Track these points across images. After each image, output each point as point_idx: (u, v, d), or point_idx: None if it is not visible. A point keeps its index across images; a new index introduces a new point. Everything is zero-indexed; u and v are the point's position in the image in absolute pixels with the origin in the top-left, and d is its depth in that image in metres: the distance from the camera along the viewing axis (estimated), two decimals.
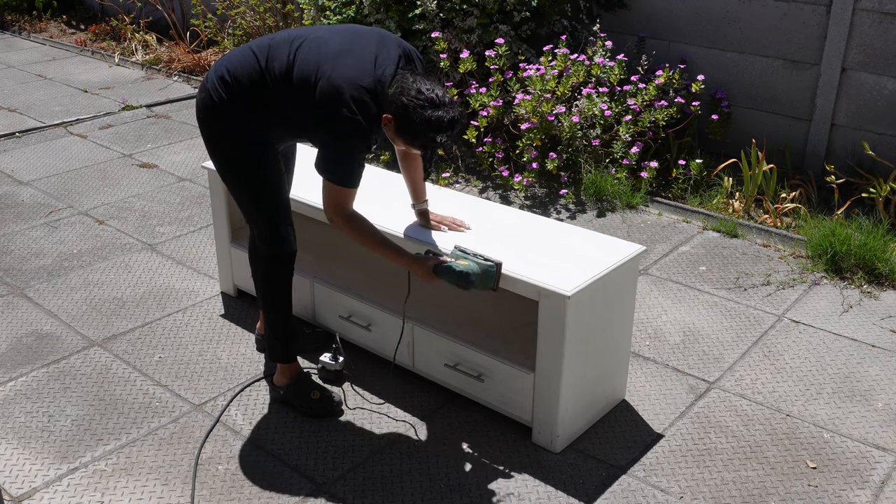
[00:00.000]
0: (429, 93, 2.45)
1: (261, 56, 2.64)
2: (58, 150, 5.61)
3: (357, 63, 2.53)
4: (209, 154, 2.81)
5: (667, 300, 3.76)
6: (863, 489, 2.66)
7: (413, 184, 2.98)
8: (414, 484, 2.68)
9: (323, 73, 2.52)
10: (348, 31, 2.67)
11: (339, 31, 2.69)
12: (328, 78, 2.50)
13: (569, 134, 4.76)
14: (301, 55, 2.58)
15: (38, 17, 9.54)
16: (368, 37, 2.64)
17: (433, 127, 2.44)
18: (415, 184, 2.97)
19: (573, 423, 2.84)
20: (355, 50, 2.57)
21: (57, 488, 2.66)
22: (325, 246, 3.62)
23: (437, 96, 2.45)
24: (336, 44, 2.60)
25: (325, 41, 2.61)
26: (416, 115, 2.44)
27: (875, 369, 3.26)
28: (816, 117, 4.83)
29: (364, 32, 2.67)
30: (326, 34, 2.66)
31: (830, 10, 4.63)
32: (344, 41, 2.61)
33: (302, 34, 2.67)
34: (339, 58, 2.54)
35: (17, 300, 3.75)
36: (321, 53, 2.57)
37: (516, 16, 5.09)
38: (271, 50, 2.63)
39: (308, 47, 2.60)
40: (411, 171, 2.95)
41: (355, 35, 2.64)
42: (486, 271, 2.64)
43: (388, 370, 3.19)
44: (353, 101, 2.47)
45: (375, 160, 5.24)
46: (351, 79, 2.49)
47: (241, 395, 3.10)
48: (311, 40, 2.62)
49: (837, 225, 4.11)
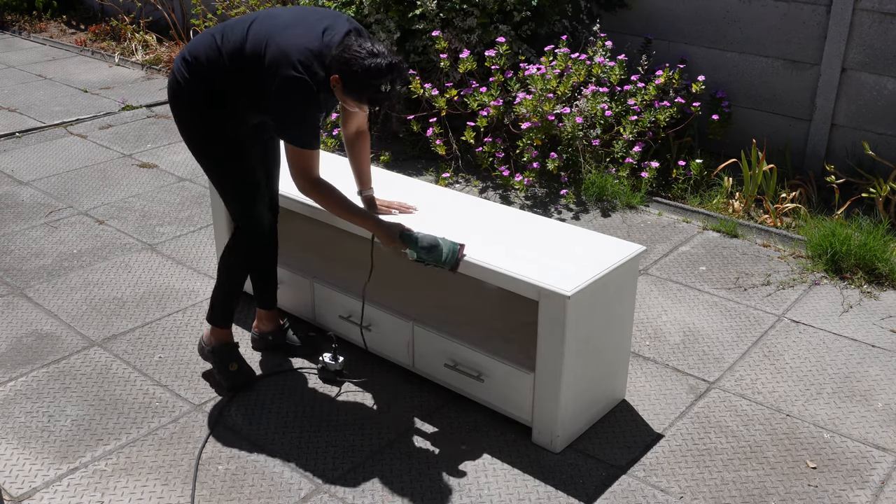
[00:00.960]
0: (368, 47, 2.56)
1: (218, 36, 2.76)
2: (58, 150, 5.61)
3: (305, 31, 2.65)
4: (182, 136, 2.89)
5: (667, 300, 3.76)
6: (863, 489, 2.66)
7: (359, 170, 3.05)
8: (414, 484, 2.68)
9: (272, 41, 2.64)
10: (301, 10, 2.81)
11: (293, 10, 2.82)
12: (277, 44, 2.62)
13: (570, 134, 4.76)
14: (253, 30, 2.70)
15: (38, 17, 9.54)
16: (321, 13, 2.76)
17: (372, 73, 2.53)
18: (361, 170, 3.05)
19: (573, 423, 2.84)
20: (305, 22, 2.70)
21: (57, 488, 2.66)
22: (326, 246, 3.62)
23: (377, 49, 2.56)
24: (287, 17, 2.73)
25: (276, 16, 2.75)
26: (356, 65, 2.53)
27: (875, 369, 3.26)
28: (816, 117, 4.83)
29: (317, 10, 2.79)
30: (279, 12, 2.79)
31: (830, 10, 4.63)
32: (295, 15, 2.75)
33: (257, 14, 2.80)
34: (288, 28, 2.67)
35: (17, 300, 3.76)
36: (272, 26, 2.69)
37: (516, 16, 5.09)
38: (227, 29, 2.76)
39: (260, 23, 2.73)
40: (358, 157, 3.03)
41: (307, 12, 2.78)
42: (451, 248, 2.72)
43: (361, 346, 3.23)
44: (299, 63, 2.57)
45: (375, 160, 5.24)
46: (298, 44, 2.61)
47: (241, 395, 3.10)
48: (264, 17, 2.76)
49: (837, 225, 4.11)
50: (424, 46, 5.24)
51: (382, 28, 5.19)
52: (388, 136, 5.70)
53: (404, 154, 5.43)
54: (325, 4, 5.45)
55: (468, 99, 4.88)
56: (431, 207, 3.15)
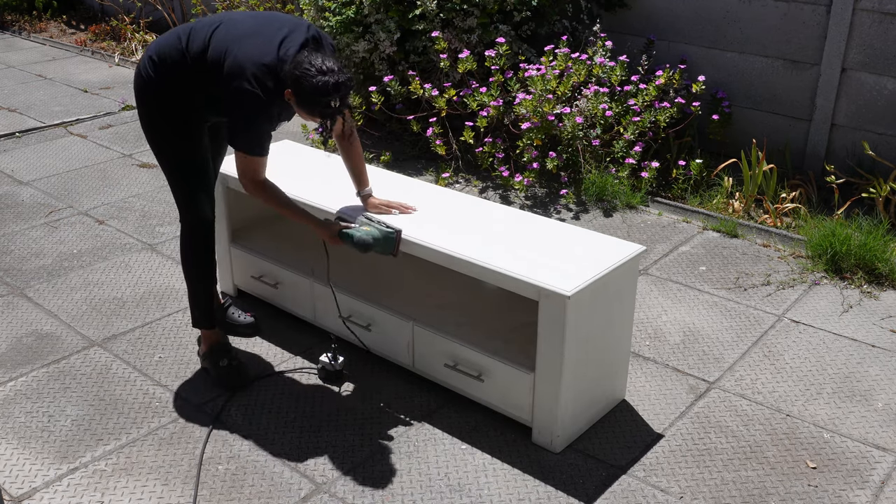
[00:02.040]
0: (319, 64, 2.63)
1: (183, 38, 2.85)
2: (58, 150, 5.61)
3: (262, 43, 2.74)
4: (142, 125, 3.00)
5: (667, 300, 3.76)
6: (863, 489, 2.66)
7: (354, 171, 3.12)
8: (414, 484, 2.68)
9: (230, 53, 2.73)
10: (263, 17, 2.88)
11: (255, 16, 2.90)
12: (234, 56, 2.72)
13: (570, 134, 4.76)
14: (215, 37, 2.80)
15: (38, 17, 9.54)
16: (281, 22, 2.83)
17: (320, 91, 2.61)
18: (356, 171, 3.12)
19: (573, 423, 2.84)
20: (264, 33, 2.77)
21: (57, 488, 2.66)
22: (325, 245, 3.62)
23: (326, 66, 2.63)
24: (248, 27, 2.81)
25: (238, 24, 2.83)
26: (306, 82, 2.62)
27: (875, 369, 3.26)
28: (816, 117, 4.83)
29: (278, 18, 2.87)
30: (242, 18, 2.87)
31: (830, 10, 4.63)
32: (256, 25, 2.82)
33: (221, 18, 2.89)
34: (246, 39, 2.76)
35: (17, 300, 3.76)
36: (232, 36, 2.78)
37: (517, 16, 5.09)
38: (192, 32, 2.85)
39: (222, 30, 2.81)
40: (351, 158, 3.11)
41: (269, 20, 2.85)
42: (385, 237, 2.87)
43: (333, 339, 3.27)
44: (253, 77, 2.67)
45: (375, 160, 5.24)
46: (253, 57, 2.70)
47: (241, 395, 3.10)
48: (227, 23, 2.84)
49: (837, 225, 4.11)
50: (424, 46, 5.24)
51: (382, 28, 5.19)
52: (389, 136, 5.70)
53: (404, 154, 5.43)
54: (325, 4, 5.45)
55: (468, 99, 4.88)
56: (431, 207, 3.15)
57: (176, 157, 3.00)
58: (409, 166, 5.23)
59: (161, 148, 3.01)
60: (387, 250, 2.89)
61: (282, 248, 3.60)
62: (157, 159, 3.07)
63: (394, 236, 2.87)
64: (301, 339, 3.44)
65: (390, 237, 2.87)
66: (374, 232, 2.87)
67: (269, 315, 3.60)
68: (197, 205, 3.04)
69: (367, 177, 3.13)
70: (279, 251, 3.58)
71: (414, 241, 2.91)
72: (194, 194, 3.03)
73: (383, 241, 2.87)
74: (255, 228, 3.76)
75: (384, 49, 5.24)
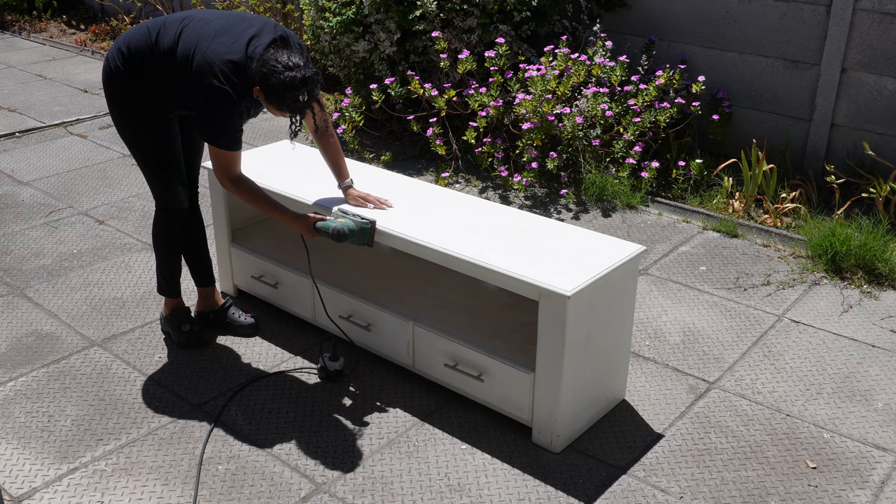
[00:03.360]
0: (285, 60, 2.70)
1: (153, 33, 2.92)
2: (58, 150, 5.61)
3: (230, 41, 2.80)
4: (111, 114, 3.08)
5: (667, 300, 3.76)
6: (863, 489, 2.66)
7: (333, 164, 3.19)
8: (414, 484, 2.68)
9: (199, 50, 2.80)
10: (232, 16, 2.94)
11: (225, 15, 2.95)
12: (203, 53, 2.79)
13: (570, 134, 4.76)
14: (185, 34, 2.87)
15: (38, 17, 9.54)
16: (249, 21, 2.90)
17: (288, 86, 2.68)
18: (335, 164, 3.19)
19: (573, 423, 2.84)
20: (233, 32, 2.84)
21: (57, 488, 2.66)
22: (326, 246, 3.62)
23: (293, 62, 2.70)
24: (217, 25, 2.87)
25: (208, 23, 2.89)
26: (273, 79, 2.69)
27: (875, 369, 3.26)
28: (816, 117, 4.83)
29: (247, 18, 2.93)
30: (211, 17, 2.94)
31: (830, 10, 4.63)
32: (226, 23, 2.88)
33: (191, 16, 2.95)
34: (215, 37, 2.82)
35: (17, 300, 3.76)
36: (201, 33, 2.85)
37: (516, 16, 5.09)
38: (162, 28, 2.91)
39: (192, 27, 2.88)
40: (329, 152, 3.18)
41: (238, 19, 2.92)
42: (361, 228, 2.94)
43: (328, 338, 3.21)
44: (221, 74, 2.74)
45: (376, 160, 5.24)
46: (221, 54, 2.77)
47: (241, 395, 3.10)
48: (197, 21, 2.90)
49: (837, 225, 4.11)
50: (424, 47, 5.24)
51: (382, 28, 5.19)
52: (389, 136, 5.70)
53: (404, 154, 5.43)
54: (325, 4, 5.45)
55: (469, 99, 4.88)
56: (431, 207, 3.15)
57: (146, 147, 3.08)
58: (410, 166, 5.23)
59: (131, 138, 3.07)
60: (362, 241, 2.96)
61: (282, 248, 3.60)
62: (129, 150, 3.16)
63: (368, 227, 2.94)
64: (301, 339, 3.44)
65: (365, 227, 2.95)
66: (348, 223, 2.95)
67: (269, 315, 3.60)
68: (170, 194, 3.15)
69: (346, 169, 3.20)
70: (279, 251, 3.58)
71: (414, 241, 2.91)
72: (166, 184, 3.13)
73: (358, 232, 2.95)
74: (255, 228, 3.76)
75: (384, 49, 5.24)
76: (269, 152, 3.70)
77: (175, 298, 3.38)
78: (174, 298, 3.38)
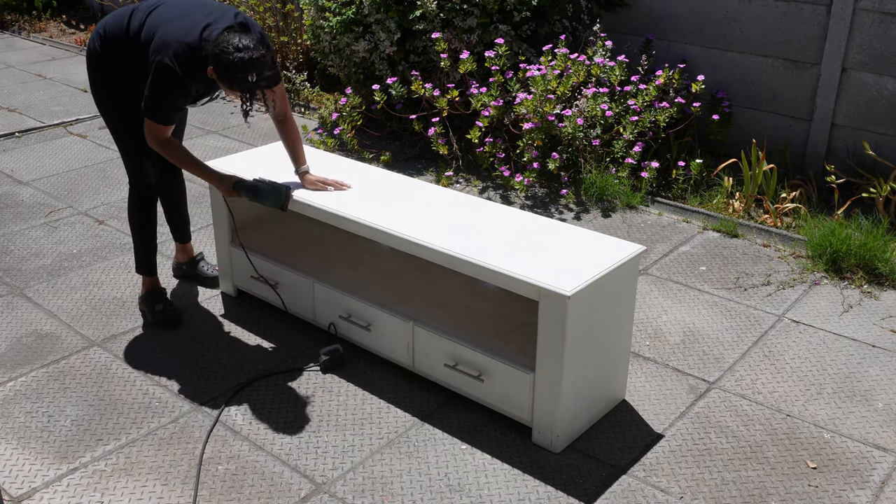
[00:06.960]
0: (236, 42, 2.87)
1: (125, 17, 3.16)
2: (58, 150, 5.61)
3: (188, 25, 3.02)
4: (92, 94, 3.33)
5: (667, 300, 3.76)
6: (863, 489, 2.66)
7: (291, 150, 3.37)
8: (414, 484, 2.68)
9: (158, 31, 3.03)
10: (195, 4, 3.14)
11: (189, 2, 3.15)
12: (161, 35, 3.01)
13: (570, 134, 4.76)
14: (150, 18, 3.09)
15: (38, 17, 9.54)
16: (210, 9, 3.10)
17: (238, 67, 2.85)
18: (293, 149, 3.37)
19: (573, 423, 2.84)
20: (192, 17, 3.05)
21: (57, 488, 2.66)
22: (326, 246, 3.62)
23: (243, 44, 2.87)
24: (179, 11, 3.09)
25: (173, 8, 3.11)
26: (224, 59, 2.86)
27: (875, 369, 3.26)
28: (816, 117, 4.83)
29: (209, 6, 3.13)
30: (176, 4, 3.14)
31: (830, 10, 4.63)
32: (187, 9, 3.09)
33: (161, 1, 3.16)
34: (175, 21, 3.04)
35: (17, 300, 3.75)
36: (164, 18, 3.07)
37: (516, 16, 5.09)
38: (135, 13, 3.14)
39: (157, 13, 3.10)
40: (288, 138, 3.37)
41: (200, 6, 3.12)
42: (273, 189, 3.17)
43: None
44: (174, 54, 2.96)
45: (376, 160, 5.24)
46: (177, 36, 2.99)
47: (240, 395, 3.10)
48: (163, 7, 3.12)
49: (837, 225, 4.11)
50: (425, 46, 5.24)
51: (382, 28, 5.19)
52: (389, 136, 5.70)
53: (404, 154, 5.43)
54: (325, 4, 5.45)
55: (472, 99, 4.88)
56: (432, 207, 3.15)
57: (122, 126, 3.31)
58: (409, 166, 5.23)
59: (109, 117, 3.32)
60: (276, 204, 3.17)
61: (282, 249, 3.60)
62: (108, 128, 3.38)
63: (283, 191, 3.16)
64: (301, 339, 3.44)
65: (279, 190, 3.16)
66: (264, 186, 3.18)
67: (269, 315, 3.60)
68: (142, 170, 3.39)
69: (303, 155, 3.37)
70: (279, 251, 3.58)
71: (414, 241, 2.91)
72: (139, 161, 3.37)
73: (271, 193, 3.17)
74: (255, 228, 3.76)
75: (384, 49, 5.24)
76: (269, 152, 3.70)
77: (151, 277, 3.58)
78: (150, 277, 3.58)
